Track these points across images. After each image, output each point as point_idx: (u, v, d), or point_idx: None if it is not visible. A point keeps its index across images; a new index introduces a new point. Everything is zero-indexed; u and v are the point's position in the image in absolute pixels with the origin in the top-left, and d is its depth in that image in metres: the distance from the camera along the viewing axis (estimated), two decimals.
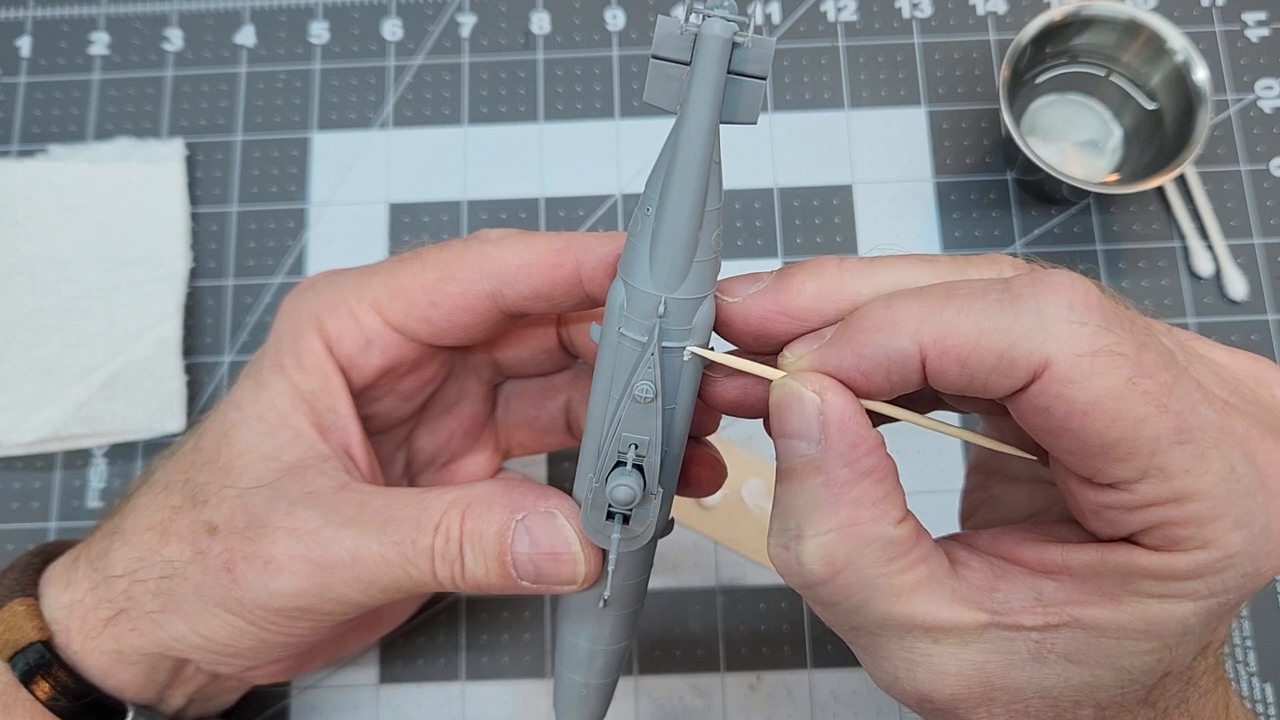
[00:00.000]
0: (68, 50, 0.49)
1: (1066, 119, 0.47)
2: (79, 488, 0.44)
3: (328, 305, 0.32)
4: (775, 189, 0.47)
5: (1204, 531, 0.22)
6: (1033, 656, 0.23)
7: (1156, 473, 0.21)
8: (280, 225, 0.47)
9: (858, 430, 0.23)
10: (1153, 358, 0.22)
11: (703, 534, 0.43)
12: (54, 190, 0.46)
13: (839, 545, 0.23)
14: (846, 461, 0.23)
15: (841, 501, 0.23)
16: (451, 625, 0.42)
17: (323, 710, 0.41)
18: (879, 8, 0.49)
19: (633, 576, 0.29)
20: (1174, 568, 0.22)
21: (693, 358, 0.25)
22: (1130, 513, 0.22)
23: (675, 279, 0.24)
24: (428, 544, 0.28)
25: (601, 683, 0.31)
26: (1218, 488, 0.21)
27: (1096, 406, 0.21)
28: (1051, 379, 0.21)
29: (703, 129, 0.22)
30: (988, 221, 0.46)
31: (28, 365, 0.44)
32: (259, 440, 0.31)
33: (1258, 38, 0.48)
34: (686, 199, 0.23)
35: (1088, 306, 0.22)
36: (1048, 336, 0.21)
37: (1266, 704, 0.40)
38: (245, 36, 0.50)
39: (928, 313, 0.22)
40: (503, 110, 0.48)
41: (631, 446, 0.25)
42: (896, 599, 0.23)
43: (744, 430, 0.44)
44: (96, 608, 0.31)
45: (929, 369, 0.23)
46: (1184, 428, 0.21)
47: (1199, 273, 0.45)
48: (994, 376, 0.22)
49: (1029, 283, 0.22)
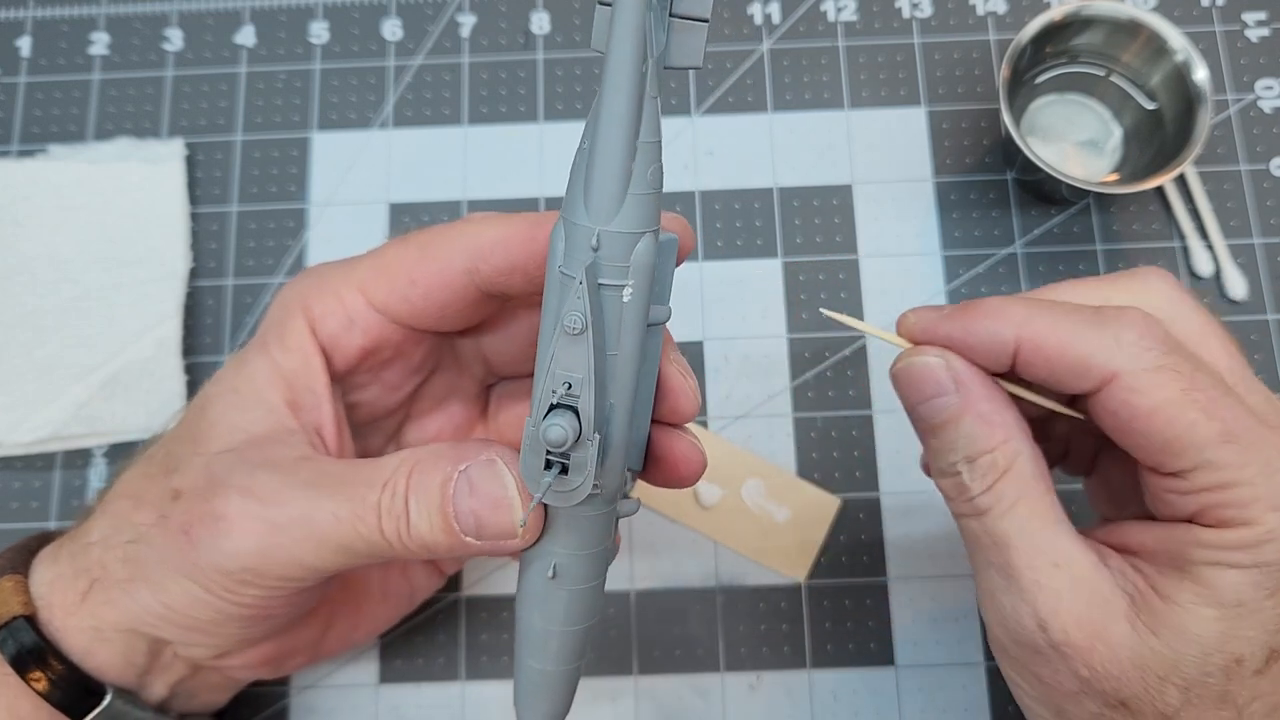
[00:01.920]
0: (68, 50, 0.50)
1: (1066, 119, 0.47)
2: (79, 487, 0.44)
3: (315, 288, 0.32)
4: (775, 189, 0.47)
5: (1246, 512, 0.26)
6: (1125, 617, 0.27)
7: (1206, 465, 0.26)
8: (280, 225, 0.47)
9: (983, 377, 0.29)
10: (1204, 378, 0.27)
11: (703, 534, 0.43)
12: (54, 190, 0.46)
13: (1003, 456, 0.28)
14: (988, 398, 0.29)
15: (995, 426, 0.29)
16: (451, 625, 0.42)
17: (322, 710, 0.41)
18: (879, 8, 0.49)
19: (585, 548, 0.28)
20: (1223, 539, 0.26)
21: (633, 299, 0.24)
22: (1186, 496, 0.27)
23: (609, 211, 0.24)
24: (375, 500, 0.28)
25: (558, 669, 0.29)
26: (1258, 477, 0.26)
27: (1157, 411, 0.27)
28: (1119, 386, 0.27)
29: (625, 58, 0.23)
30: (987, 221, 0.46)
31: (28, 365, 0.44)
32: (231, 412, 0.31)
33: (1258, 38, 0.48)
34: (615, 129, 0.23)
35: (1154, 336, 0.27)
36: (1118, 353, 0.27)
37: None
38: (245, 36, 0.50)
39: (1032, 315, 0.28)
40: (503, 110, 0.48)
41: (565, 385, 0.24)
42: (1037, 514, 0.28)
43: (744, 430, 0.44)
44: (75, 579, 0.31)
45: (1020, 358, 0.28)
46: (1228, 430, 0.26)
47: (1199, 272, 0.45)
48: (1070, 376, 0.28)
49: (1114, 313, 0.28)
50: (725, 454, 0.43)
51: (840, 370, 0.45)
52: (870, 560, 0.42)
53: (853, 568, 0.42)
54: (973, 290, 0.45)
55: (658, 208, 0.25)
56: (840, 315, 0.31)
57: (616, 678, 0.41)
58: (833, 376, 0.45)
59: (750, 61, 0.49)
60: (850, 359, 0.45)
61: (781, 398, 0.44)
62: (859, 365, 0.45)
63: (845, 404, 0.44)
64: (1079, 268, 0.45)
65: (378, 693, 0.41)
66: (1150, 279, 0.30)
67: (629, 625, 0.42)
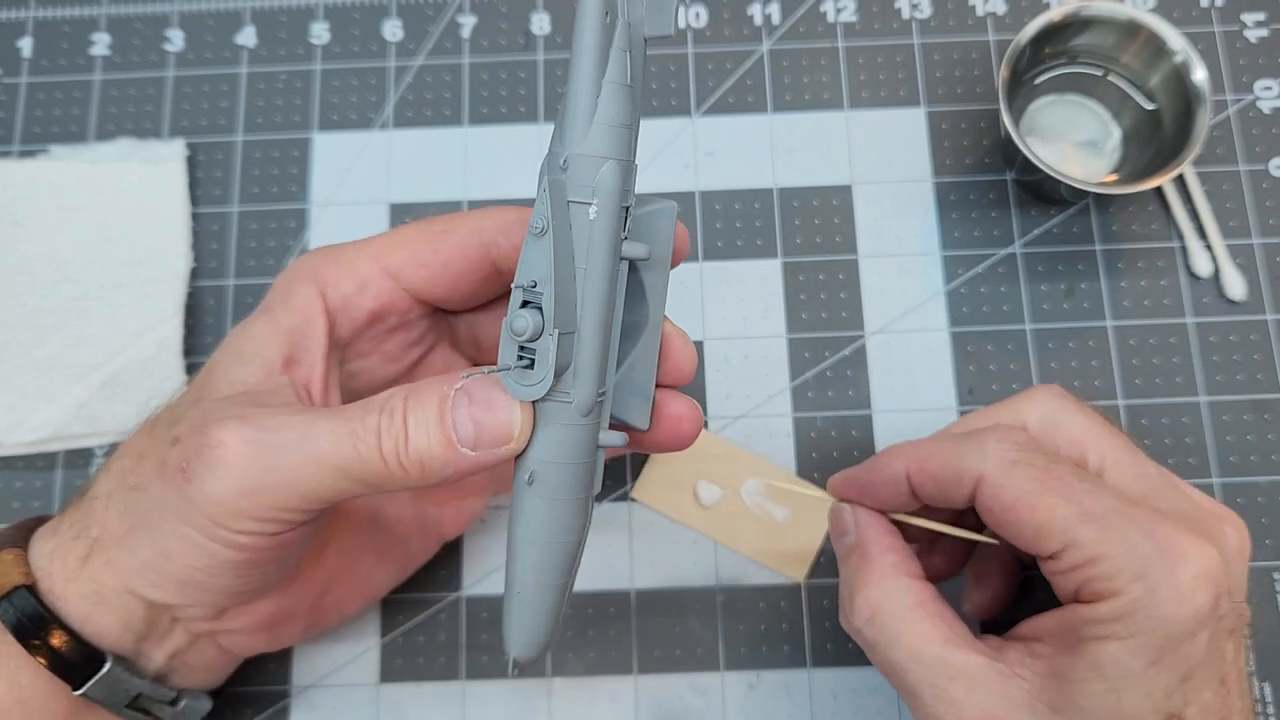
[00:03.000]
0: (69, 51, 0.50)
1: (1065, 119, 0.47)
2: (80, 487, 0.44)
3: (327, 259, 0.34)
4: (775, 189, 0.47)
5: (1113, 584, 0.28)
6: (1026, 705, 0.30)
7: (1073, 544, 0.29)
8: (281, 225, 0.47)
9: (878, 525, 0.35)
10: (1060, 469, 0.30)
11: (703, 533, 0.43)
12: (55, 190, 0.46)
13: (875, 591, 0.33)
14: (872, 539, 0.34)
15: (873, 565, 0.33)
16: (452, 624, 0.42)
17: (323, 709, 0.41)
18: (879, 8, 0.49)
19: (560, 458, 0.29)
20: (1098, 612, 0.29)
21: (598, 216, 0.28)
22: (1065, 575, 0.30)
23: (575, 137, 0.27)
24: (374, 420, 0.29)
25: (534, 583, 0.30)
26: (1118, 550, 0.29)
27: (1020, 500, 0.30)
28: (987, 485, 0.31)
29: (589, 9, 0.27)
30: (987, 221, 0.46)
31: (28, 365, 0.44)
32: (231, 368, 0.33)
33: (1256, 38, 0.48)
34: (581, 67, 0.27)
35: (1012, 441, 0.31)
36: (983, 460, 0.31)
37: (1265, 703, 0.41)
38: (246, 37, 0.50)
39: (917, 447, 0.34)
40: (503, 111, 0.48)
41: (531, 282, 0.27)
42: (919, 637, 0.31)
43: (744, 430, 0.44)
44: (75, 543, 0.32)
45: (913, 483, 0.33)
46: (1087, 511, 0.29)
47: (1198, 273, 0.45)
48: (952, 487, 0.32)
49: (977, 434, 0.32)
50: (725, 454, 0.43)
51: (840, 370, 0.45)
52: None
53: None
54: (972, 290, 0.45)
55: (627, 141, 0.28)
56: (782, 484, 0.41)
57: (616, 677, 0.41)
58: (832, 376, 0.45)
59: (750, 62, 0.49)
60: (850, 359, 0.45)
61: (781, 398, 0.44)
62: (859, 365, 0.45)
63: (845, 404, 0.44)
64: (1078, 268, 0.45)
65: (378, 692, 0.41)
66: (1035, 394, 0.34)
67: (629, 624, 0.42)
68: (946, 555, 0.38)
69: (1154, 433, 0.44)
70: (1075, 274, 0.46)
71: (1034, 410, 0.34)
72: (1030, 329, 0.45)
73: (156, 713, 0.34)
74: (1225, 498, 0.43)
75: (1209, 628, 0.28)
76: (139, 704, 0.33)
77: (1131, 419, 0.44)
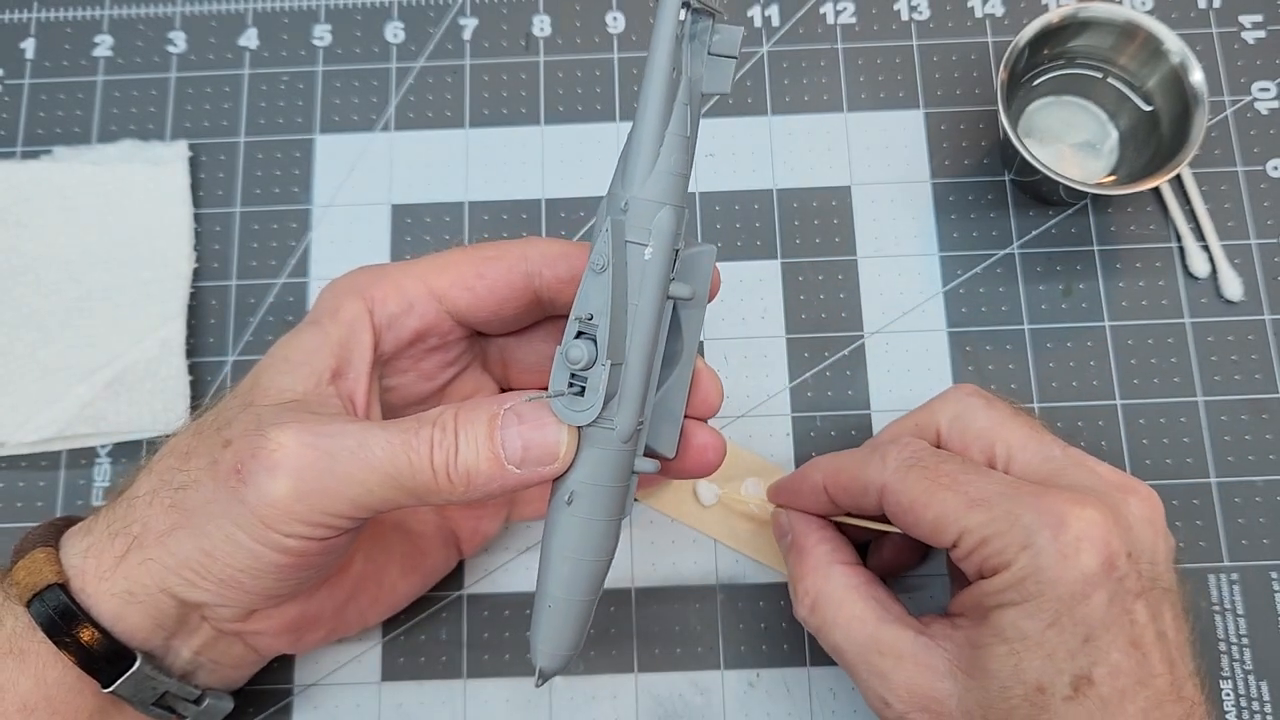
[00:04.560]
0: (72, 52, 0.50)
1: (1063, 121, 0.47)
2: (83, 487, 0.44)
3: (375, 278, 0.35)
4: (774, 190, 0.47)
5: (1004, 557, 0.31)
6: (948, 673, 0.32)
7: (965, 531, 0.32)
8: (283, 226, 0.47)
9: (807, 524, 0.38)
10: (948, 465, 0.33)
11: (702, 532, 0.43)
12: (58, 192, 0.46)
13: (811, 581, 0.36)
14: (804, 534, 0.38)
15: (807, 557, 0.37)
16: (454, 622, 0.42)
17: (325, 707, 0.41)
18: (877, 10, 0.50)
19: (599, 480, 0.31)
20: (994, 584, 0.31)
21: (653, 258, 0.29)
22: (966, 559, 0.32)
23: (637, 182, 0.29)
24: (427, 433, 0.30)
25: (565, 598, 0.31)
26: (1004, 527, 0.31)
27: (915, 501, 0.33)
28: (888, 493, 0.34)
29: (658, 64, 0.29)
30: (985, 222, 0.47)
31: (32, 365, 0.44)
32: (281, 376, 0.33)
33: (1254, 40, 0.49)
34: (648, 118, 0.29)
35: (909, 449, 0.34)
36: (883, 470, 0.34)
37: (1262, 701, 0.41)
38: (248, 39, 0.50)
39: (831, 460, 0.37)
40: (504, 113, 0.49)
41: (588, 315, 0.29)
42: (853, 619, 0.34)
43: (743, 430, 0.44)
44: (112, 541, 0.32)
45: (829, 493, 0.36)
46: (973, 499, 0.32)
47: (1195, 273, 0.45)
48: (861, 497, 0.35)
49: (882, 449, 0.35)
50: (726, 453, 0.43)
51: (839, 370, 0.45)
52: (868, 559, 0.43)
53: None
54: (970, 291, 0.46)
55: (682, 190, 0.30)
56: (735, 500, 0.43)
57: (617, 675, 0.42)
58: (831, 377, 0.45)
59: (750, 64, 0.49)
60: (849, 358, 0.45)
61: (780, 398, 0.45)
62: (858, 365, 0.45)
63: (844, 404, 0.45)
64: (1076, 268, 0.46)
65: (380, 690, 0.42)
66: (949, 395, 0.37)
67: (629, 623, 0.42)
68: (895, 548, 0.40)
69: (1151, 432, 0.44)
70: (1073, 274, 0.46)
71: (946, 410, 0.36)
72: (1028, 329, 0.45)
73: (181, 711, 0.35)
74: (1222, 497, 0.43)
75: (1104, 588, 0.30)
76: (164, 702, 0.34)
77: (1129, 419, 0.44)
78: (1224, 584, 0.42)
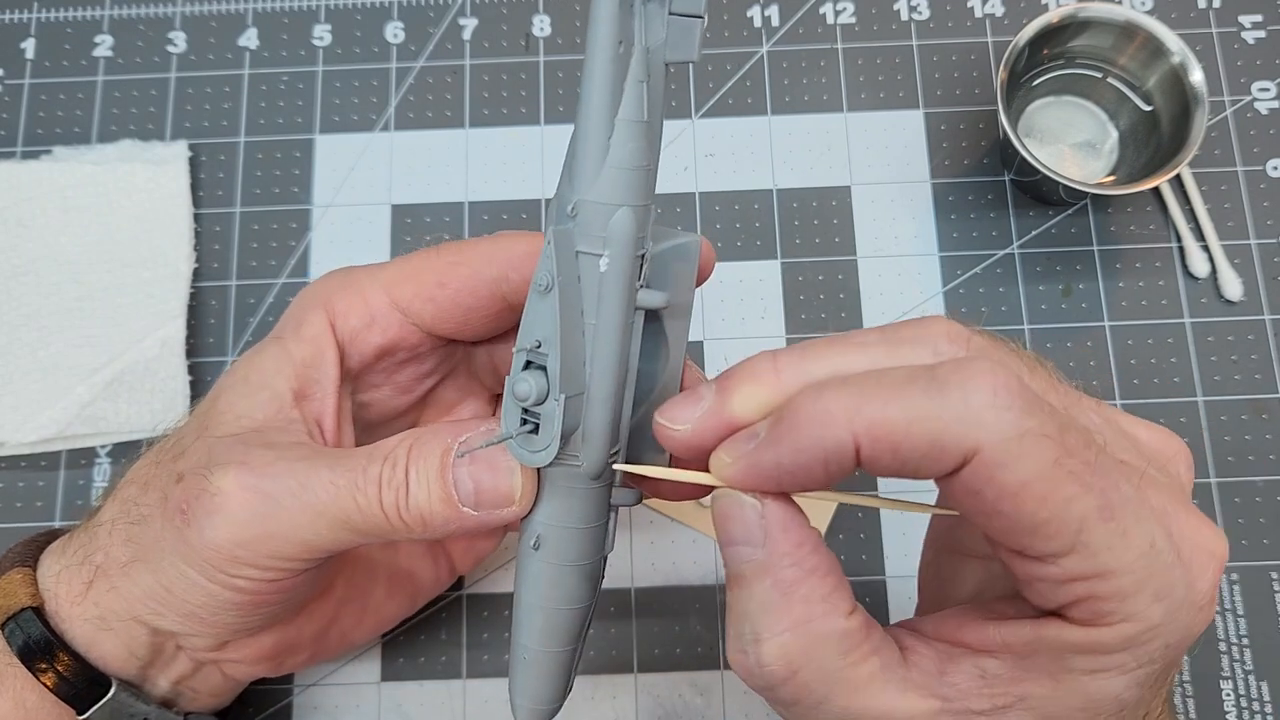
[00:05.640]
0: (72, 53, 0.50)
1: (1063, 121, 0.47)
2: (83, 487, 0.44)
3: (339, 286, 0.33)
4: (774, 190, 0.47)
5: (1127, 605, 0.22)
6: None
7: (1081, 548, 0.22)
8: (283, 226, 0.47)
9: (800, 530, 0.24)
10: (1075, 438, 0.22)
11: (702, 532, 0.43)
12: (58, 192, 0.46)
13: (795, 643, 0.24)
14: (793, 561, 0.24)
15: (793, 600, 0.24)
16: (453, 623, 0.42)
17: (325, 707, 0.41)
18: (877, 11, 0.50)
19: (567, 522, 0.28)
20: (1102, 642, 0.23)
21: (609, 269, 0.25)
22: (1059, 586, 0.23)
23: (585, 181, 0.25)
24: (376, 471, 0.28)
25: (543, 650, 0.29)
26: (1138, 563, 0.22)
27: (1026, 488, 0.22)
28: (982, 464, 0.22)
29: (599, 38, 0.24)
30: (985, 222, 0.47)
31: (32, 365, 0.44)
32: (239, 400, 0.31)
33: (1254, 40, 0.49)
34: (590, 105, 0.25)
35: (1010, 391, 0.22)
36: (976, 423, 0.22)
37: (1263, 702, 0.41)
38: (248, 39, 0.50)
39: (860, 403, 0.22)
40: (504, 113, 0.49)
41: (535, 343, 0.25)
42: (854, 693, 0.24)
43: None
44: (80, 567, 0.32)
45: (863, 456, 0.23)
46: (1107, 505, 0.22)
47: (1195, 273, 0.45)
48: (925, 462, 0.22)
49: (953, 369, 0.22)
50: None
51: None
52: (869, 559, 0.43)
53: (850, 566, 0.43)
54: (970, 291, 0.46)
55: (643, 185, 0.25)
56: (631, 468, 0.28)
57: (617, 675, 0.42)
58: None
59: (749, 64, 0.49)
60: None
61: None
62: None
63: None
64: (1075, 268, 0.46)
65: (380, 690, 0.42)
66: (927, 323, 0.25)
67: (629, 623, 0.42)
68: None
69: None
70: (1073, 274, 0.46)
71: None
72: (1028, 329, 0.45)
73: None
74: (1223, 497, 0.43)
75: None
76: None
77: None
78: (1224, 584, 0.42)
